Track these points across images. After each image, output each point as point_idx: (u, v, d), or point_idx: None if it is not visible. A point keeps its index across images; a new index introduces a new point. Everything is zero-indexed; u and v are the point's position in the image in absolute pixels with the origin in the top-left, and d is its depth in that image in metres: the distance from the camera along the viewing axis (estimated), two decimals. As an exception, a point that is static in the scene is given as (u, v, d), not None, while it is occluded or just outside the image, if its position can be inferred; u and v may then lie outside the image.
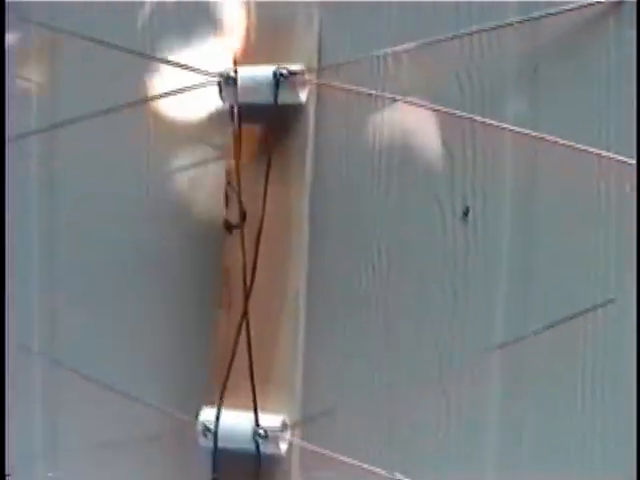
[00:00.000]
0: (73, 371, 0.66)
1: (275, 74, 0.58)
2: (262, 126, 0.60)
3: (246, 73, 0.59)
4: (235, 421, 0.59)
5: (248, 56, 0.61)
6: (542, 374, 0.59)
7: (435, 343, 0.61)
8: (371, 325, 0.63)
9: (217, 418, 0.59)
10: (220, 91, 0.60)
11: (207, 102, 0.65)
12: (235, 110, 0.60)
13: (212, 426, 0.59)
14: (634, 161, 0.53)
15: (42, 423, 0.74)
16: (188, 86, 0.63)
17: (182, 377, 0.67)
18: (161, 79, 0.68)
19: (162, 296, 0.68)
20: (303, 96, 0.59)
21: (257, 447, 0.59)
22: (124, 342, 0.69)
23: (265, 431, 0.58)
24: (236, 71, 0.59)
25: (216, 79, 0.60)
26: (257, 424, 0.58)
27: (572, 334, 0.57)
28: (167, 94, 0.65)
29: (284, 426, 0.59)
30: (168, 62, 0.66)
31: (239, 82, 0.59)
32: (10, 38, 0.71)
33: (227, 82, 0.59)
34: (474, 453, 0.60)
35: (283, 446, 0.59)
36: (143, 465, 0.68)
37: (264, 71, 0.58)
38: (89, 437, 0.68)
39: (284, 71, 0.58)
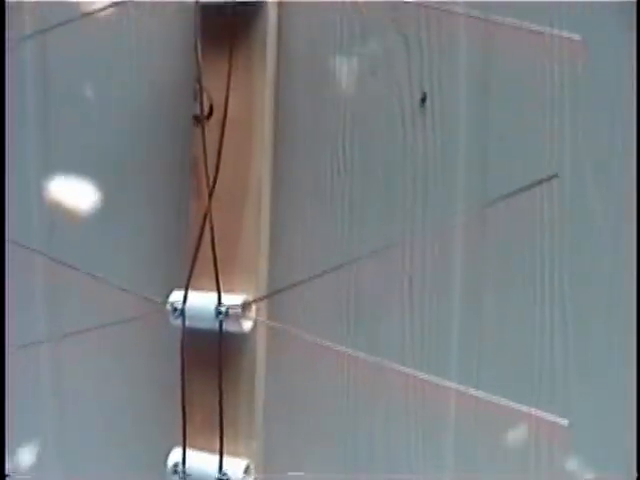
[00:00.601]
0: (65, 265, 0.69)
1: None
2: (225, 17, 0.61)
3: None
4: (200, 301, 0.62)
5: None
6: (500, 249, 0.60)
7: (400, 228, 0.62)
8: (336, 214, 0.64)
9: (184, 299, 0.62)
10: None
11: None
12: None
13: (180, 306, 0.62)
14: (579, 37, 0.53)
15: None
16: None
17: (162, 265, 0.69)
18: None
19: (145, 184, 0.70)
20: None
21: (220, 325, 0.61)
22: (106, 232, 0.72)
23: (227, 309, 0.60)
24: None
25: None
26: (219, 303, 0.61)
27: (528, 211, 0.58)
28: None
29: (246, 305, 0.61)
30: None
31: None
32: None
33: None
34: (440, 328, 0.63)
35: (246, 325, 0.62)
36: (124, 345, 0.72)
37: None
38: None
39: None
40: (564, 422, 0.58)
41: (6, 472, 0.72)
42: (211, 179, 0.61)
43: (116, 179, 0.70)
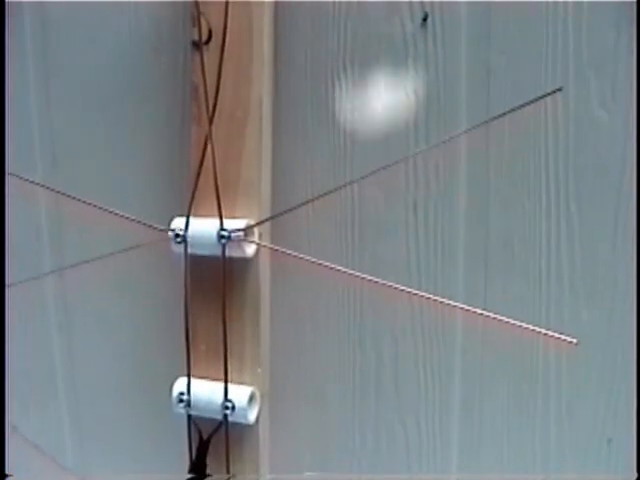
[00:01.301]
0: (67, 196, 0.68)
1: None
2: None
3: None
4: (202, 227, 0.61)
5: None
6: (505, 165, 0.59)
7: (404, 148, 0.61)
8: (338, 134, 0.63)
9: (186, 225, 0.61)
10: None
11: None
12: None
13: (182, 232, 0.61)
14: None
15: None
16: None
17: (164, 193, 0.69)
18: None
19: (146, 114, 0.70)
20: None
21: (223, 250, 0.60)
22: (108, 163, 0.71)
23: (229, 233, 0.60)
24: None
25: None
26: (222, 228, 0.60)
27: (533, 125, 0.58)
28: None
29: (248, 229, 0.60)
30: None
31: None
32: None
33: None
34: (445, 247, 0.62)
35: (249, 249, 0.61)
36: (128, 271, 0.71)
37: None
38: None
39: None
40: (573, 340, 0.57)
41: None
42: (211, 104, 0.60)
43: (117, 110, 0.70)
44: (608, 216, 0.57)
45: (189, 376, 0.63)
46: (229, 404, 0.62)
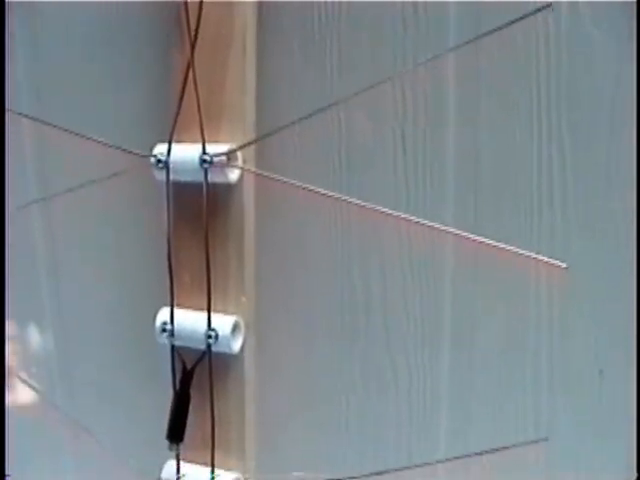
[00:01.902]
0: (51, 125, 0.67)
1: None
2: None
3: None
4: (184, 152, 0.60)
5: None
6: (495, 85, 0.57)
7: (391, 69, 0.60)
8: (324, 59, 0.62)
9: (168, 151, 0.60)
10: None
11: None
12: None
13: (164, 158, 0.60)
14: None
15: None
16: None
17: (147, 121, 0.67)
18: None
19: (128, 40, 0.68)
20: None
21: (205, 175, 0.59)
22: (91, 93, 0.70)
23: (210, 157, 0.58)
24: None
25: None
26: (204, 152, 0.59)
27: (523, 43, 0.56)
28: None
29: (231, 153, 0.59)
30: None
31: None
32: None
33: None
34: (434, 172, 0.60)
35: (232, 175, 0.60)
36: (111, 201, 0.70)
37: None
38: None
39: None
40: (563, 265, 0.56)
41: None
42: (193, 29, 0.59)
43: (101, 37, 0.68)
44: (602, 145, 0.55)
45: (172, 306, 0.62)
46: (212, 333, 0.60)
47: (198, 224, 0.61)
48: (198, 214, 0.61)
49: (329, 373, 0.66)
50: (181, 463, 0.64)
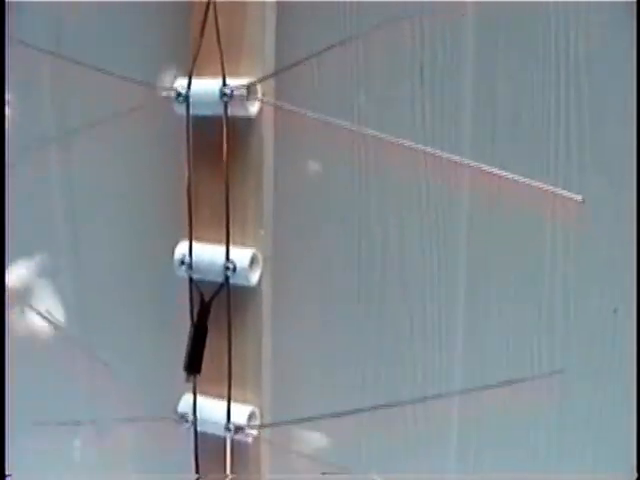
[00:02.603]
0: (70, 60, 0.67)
1: None
2: None
3: None
4: (204, 86, 0.60)
5: None
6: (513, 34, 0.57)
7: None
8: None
9: (189, 84, 0.60)
10: None
11: None
12: None
13: (184, 91, 0.60)
14: None
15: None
16: None
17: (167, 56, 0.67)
18: None
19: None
20: None
21: (225, 108, 0.59)
22: (111, 27, 0.70)
23: (230, 90, 0.59)
24: None
25: None
26: (224, 85, 0.59)
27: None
28: None
29: (251, 86, 0.59)
30: None
31: None
32: None
33: None
34: (452, 109, 0.61)
35: (252, 108, 0.60)
36: (132, 136, 0.70)
37: None
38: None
39: None
40: (578, 198, 0.56)
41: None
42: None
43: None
44: (618, 85, 0.55)
45: (191, 239, 0.62)
46: (230, 265, 0.61)
47: (217, 158, 0.61)
48: (218, 148, 0.61)
49: (345, 312, 0.66)
50: (197, 397, 0.65)
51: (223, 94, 0.59)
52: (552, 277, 0.60)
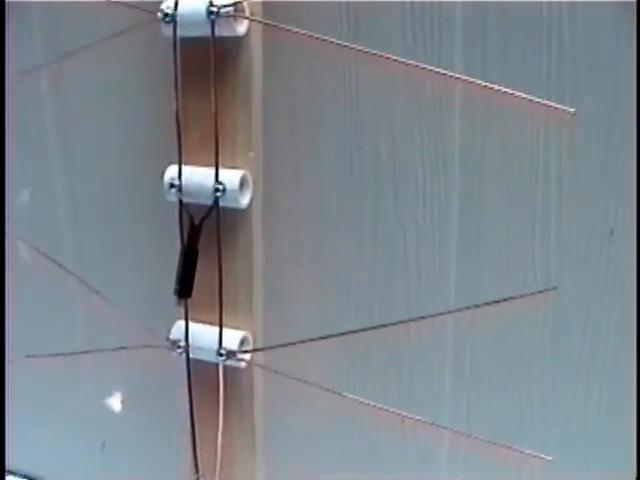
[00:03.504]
0: None
1: None
2: None
3: None
4: (191, 6, 0.59)
5: None
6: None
7: None
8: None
9: (175, 4, 0.60)
10: None
11: None
12: None
13: (171, 11, 0.60)
14: None
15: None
16: None
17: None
18: None
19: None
20: None
21: (212, 28, 0.59)
22: None
23: (217, 8, 0.58)
24: None
25: None
26: (211, 3, 0.58)
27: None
28: None
29: (238, 4, 0.59)
30: None
31: None
32: None
33: None
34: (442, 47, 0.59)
35: (240, 27, 0.60)
36: (119, 60, 0.70)
37: None
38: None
39: None
40: (571, 110, 0.55)
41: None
42: None
43: None
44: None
45: (180, 162, 0.62)
46: (220, 187, 0.60)
47: (206, 80, 0.61)
48: (206, 70, 0.60)
49: (337, 232, 0.65)
50: (189, 323, 0.65)
51: (210, 12, 0.58)
52: (546, 192, 0.59)
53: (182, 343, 0.65)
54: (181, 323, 0.65)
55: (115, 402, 0.81)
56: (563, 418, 0.63)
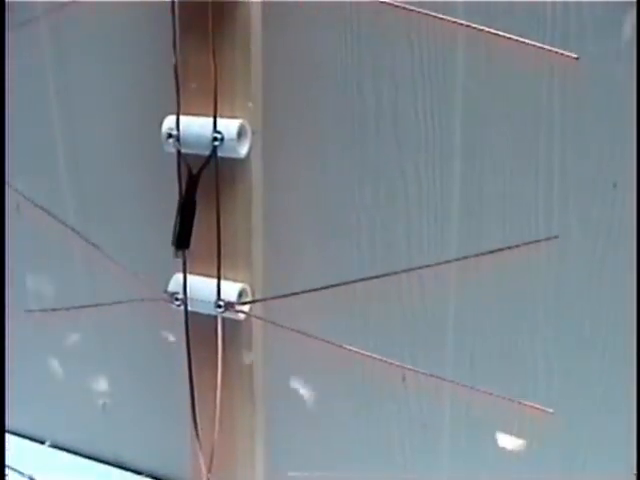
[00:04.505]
0: None
1: None
2: None
3: None
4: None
5: None
6: None
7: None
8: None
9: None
10: None
11: None
12: None
13: None
14: None
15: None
16: None
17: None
18: None
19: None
20: None
21: None
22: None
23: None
24: None
25: None
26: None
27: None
28: None
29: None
30: None
31: None
32: None
33: None
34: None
35: None
36: (120, 11, 0.69)
37: None
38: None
39: None
40: (573, 55, 0.54)
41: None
42: None
43: None
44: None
45: (178, 113, 0.61)
46: (218, 135, 0.60)
47: (204, 31, 0.60)
48: (204, 21, 0.59)
49: (338, 182, 0.65)
50: (188, 276, 0.64)
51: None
52: (549, 150, 0.58)
53: (180, 295, 0.64)
54: (179, 275, 0.64)
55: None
56: (566, 370, 0.62)
